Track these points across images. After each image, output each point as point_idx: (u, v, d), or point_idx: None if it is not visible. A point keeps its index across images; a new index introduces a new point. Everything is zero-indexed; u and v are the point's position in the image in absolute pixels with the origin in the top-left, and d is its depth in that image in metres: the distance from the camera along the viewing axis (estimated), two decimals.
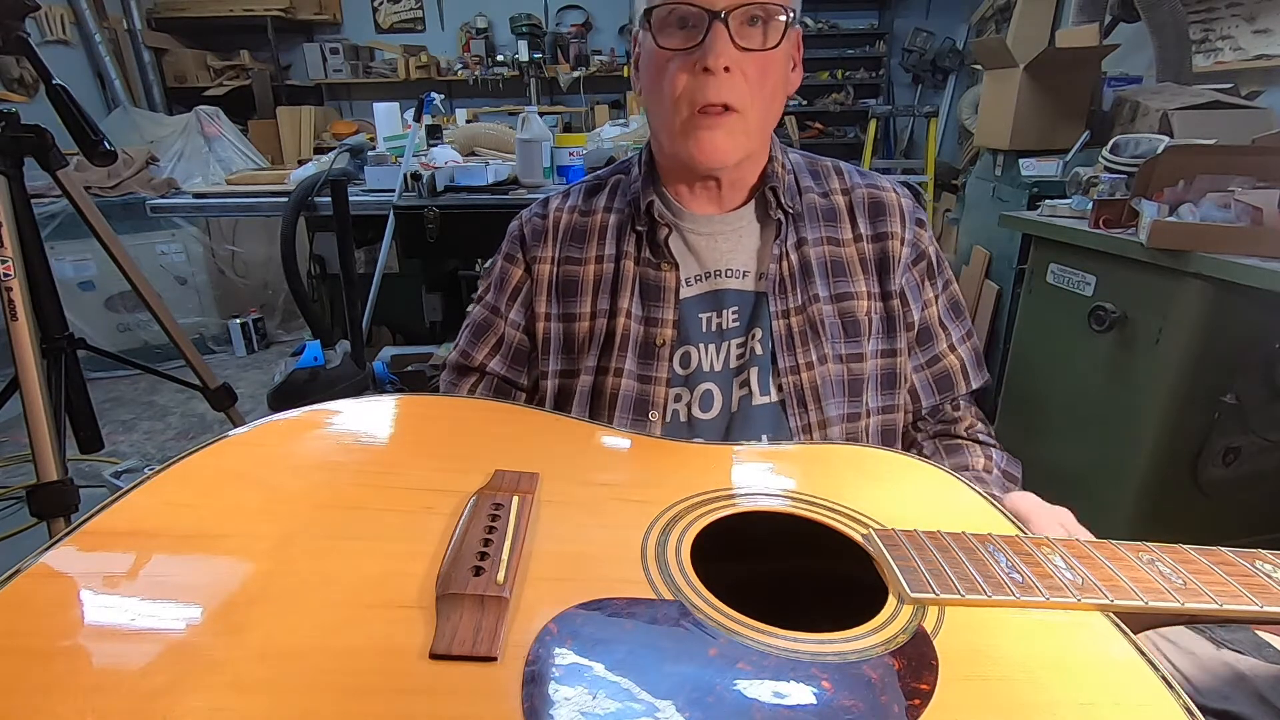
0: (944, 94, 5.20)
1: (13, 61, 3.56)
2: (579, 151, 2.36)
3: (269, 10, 4.80)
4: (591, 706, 0.34)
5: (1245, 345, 1.45)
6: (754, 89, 0.65)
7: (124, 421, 2.71)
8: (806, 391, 0.72)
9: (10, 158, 1.33)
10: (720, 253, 0.74)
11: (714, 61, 0.62)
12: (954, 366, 0.79)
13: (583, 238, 0.77)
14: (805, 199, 0.76)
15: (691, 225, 0.74)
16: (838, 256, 0.75)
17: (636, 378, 0.73)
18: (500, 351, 0.80)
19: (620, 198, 0.78)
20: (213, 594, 0.39)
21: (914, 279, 0.77)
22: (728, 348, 0.73)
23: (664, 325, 0.72)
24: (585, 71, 5.19)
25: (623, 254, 0.75)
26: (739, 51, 0.63)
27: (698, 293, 0.74)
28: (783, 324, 0.72)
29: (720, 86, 0.63)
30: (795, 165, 0.78)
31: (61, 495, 1.28)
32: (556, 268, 0.77)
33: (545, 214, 0.79)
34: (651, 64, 0.67)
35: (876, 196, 0.77)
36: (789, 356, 0.72)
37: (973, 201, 2.67)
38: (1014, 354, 1.97)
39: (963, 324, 0.81)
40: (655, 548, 0.47)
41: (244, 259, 3.57)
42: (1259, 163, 1.46)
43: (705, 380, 0.73)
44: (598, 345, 0.74)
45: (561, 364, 0.76)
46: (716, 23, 0.62)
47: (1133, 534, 1.64)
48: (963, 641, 0.40)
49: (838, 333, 0.73)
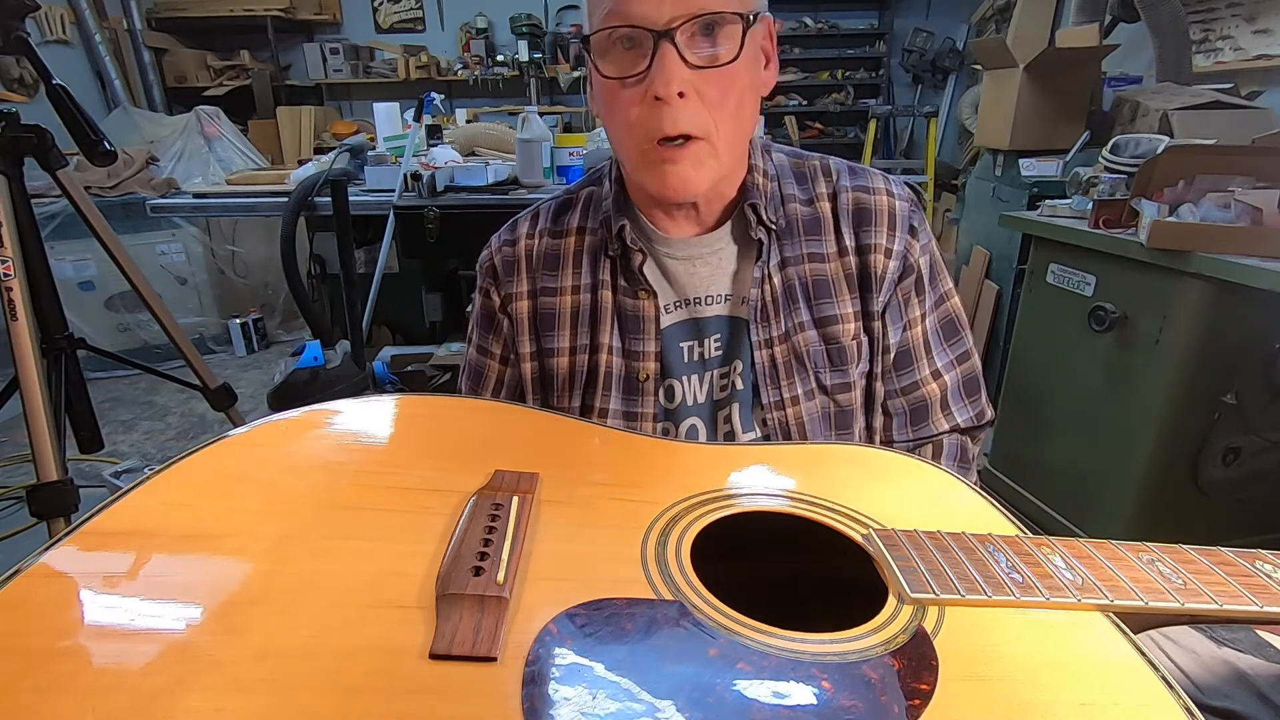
0: (944, 94, 5.20)
1: (13, 61, 3.56)
2: (579, 151, 2.37)
3: (269, 10, 4.80)
4: (591, 707, 0.34)
5: (1245, 345, 1.45)
6: (715, 110, 0.58)
7: (124, 421, 2.71)
8: (792, 428, 0.67)
9: (10, 158, 1.33)
10: (698, 278, 0.69)
11: (665, 89, 0.55)
12: (933, 396, 0.72)
13: (556, 264, 0.72)
14: (788, 209, 0.69)
15: (667, 250, 0.69)
16: (821, 274, 0.68)
17: (623, 416, 0.69)
18: (503, 393, 0.77)
19: (593, 216, 0.72)
20: (213, 594, 0.39)
21: (898, 298, 0.70)
22: (710, 378, 0.69)
23: (646, 359, 0.68)
24: (585, 71, 5.19)
25: (599, 283, 0.69)
26: (692, 71, 0.56)
27: (677, 320, 0.69)
28: (765, 354, 0.67)
29: (676, 116, 0.57)
30: (779, 168, 0.71)
31: (61, 495, 1.29)
32: (533, 301, 0.72)
33: (514, 241, 0.73)
34: (601, 93, 0.62)
35: (863, 202, 0.69)
36: (773, 391, 0.67)
37: (973, 201, 2.67)
38: (1014, 354, 1.98)
39: (955, 347, 0.73)
40: (655, 548, 0.47)
41: (244, 259, 3.57)
42: (1259, 163, 1.46)
43: (690, 415, 0.69)
44: (580, 383, 0.70)
45: (545, 401, 0.73)
46: (663, 43, 0.55)
47: (1133, 534, 1.65)
48: (963, 641, 0.40)
49: (823, 361, 0.68)
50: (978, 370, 0.75)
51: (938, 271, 0.72)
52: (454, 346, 2.65)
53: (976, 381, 0.75)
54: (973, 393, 0.75)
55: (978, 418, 0.75)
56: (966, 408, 0.74)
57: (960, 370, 0.74)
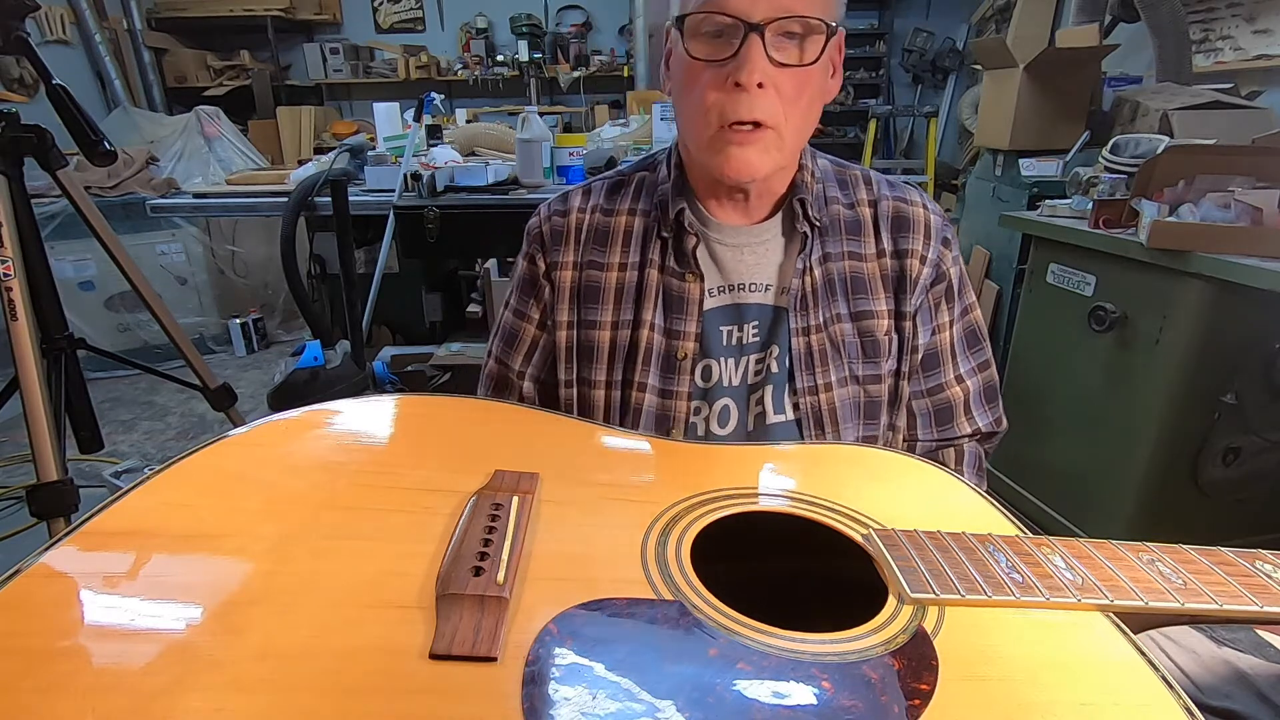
0: (944, 94, 5.20)
1: (13, 61, 3.56)
2: (579, 152, 2.36)
3: (269, 10, 4.80)
4: (591, 707, 0.34)
5: (1245, 345, 1.45)
6: (788, 105, 0.62)
7: (124, 421, 2.71)
8: (824, 413, 0.70)
9: (10, 158, 1.33)
10: (745, 265, 0.72)
11: (747, 78, 0.59)
12: (957, 399, 0.76)
13: (605, 240, 0.74)
14: (831, 210, 0.73)
15: (718, 236, 0.72)
16: (859, 272, 0.72)
17: (659, 393, 0.71)
18: (535, 358, 0.78)
19: (646, 198, 0.75)
20: (213, 594, 0.39)
21: (929, 302, 0.74)
22: (746, 363, 0.72)
23: (686, 338, 0.70)
24: (585, 71, 5.19)
25: (647, 261, 0.72)
26: (774, 67, 0.60)
27: (720, 304, 0.72)
28: (802, 341, 0.70)
29: (753, 103, 0.60)
30: (824, 173, 0.75)
31: (61, 495, 1.28)
32: (579, 273, 0.74)
33: (566, 212, 0.76)
34: (682, 71, 0.64)
35: (902, 210, 0.74)
36: (808, 376, 0.70)
37: (973, 201, 2.67)
38: (1014, 354, 1.98)
39: (977, 355, 0.77)
40: (655, 548, 0.47)
41: (244, 259, 3.57)
42: (1259, 163, 1.46)
43: (724, 395, 0.72)
44: (621, 357, 0.72)
45: (580, 373, 0.74)
46: (752, 35, 0.58)
47: (1133, 534, 1.65)
48: (963, 641, 0.40)
49: (856, 353, 0.71)
50: (996, 379, 0.79)
51: (965, 284, 0.77)
52: (454, 346, 2.65)
53: (995, 390, 0.79)
54: (992, 400, 0.79)
55: (996, 423, 0.79)
56: (987, 413, 0.78)
57: (981, 377, 0.78)
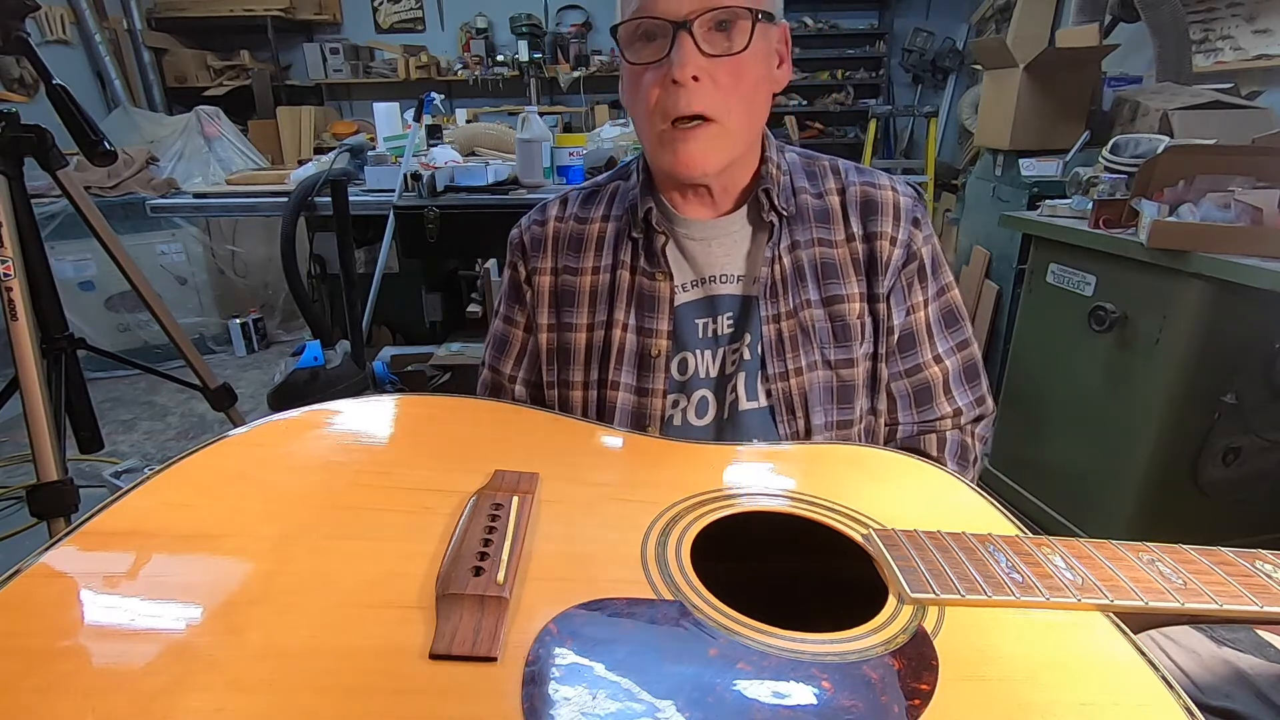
0: (944, 94, 5.20)
1: (13, 61, 3.56)
2: (579, 151, 2.36)
3: (269, 10, 4.79)
4: (591, 707, 0.34)
5: (1245, 345, 1.45)
6: (727, 94, 0.64)
7: (124, 421, 2.71)
8: (795, 398, 0.71)
9: (10, 158, 1.33)
10: (714, 257, 0.73)
11: (680, 73, 0.61)
12: (935, 379, 0.76)
13: (579, 247, 0.77)
14: (799, 200, 0.74)
15: (686, 231, 0.74)
16: (829, 258, 0.73)
17: (634, 390, 0.73)
18: (525, 362, 0.80)
19: (619, 205, 0.77)
20: (213, 594, 0.39)
21: (902, 283, 0.74)
22: (722, 354, 0.73)
23: (658, 336, 0.72)
24: (585, 71, 5.19)
25: (619, 263, 0.74)
26: (706, 59, 0.62)
27: (693, 298, 0.74)
28: (773, 329, 0.71)
29: (690, 97, 0.63)
30: (791, 165, 0.76)
31: (61, 495, 1.28)
32: (555, 278, 0.77)
33: (544, 221, 0.79)
34: (628, 78, 0.68)
35: (870, 194, 0.74)
36: (778, 362, 0.71)
37: (973, 201, 2.67)
38: (1014, 354, 1.98)
39: (956, 334, 0.77)
40: (655, 548, 0.47)
41: (244, 259, 3.57)
42: (1259, 163, 1.46)
43: (701, 387, 0.73)
44: (596, 357, 0.75)
45: (560, 374, 0.76)
46: (681, 33, 0.61)
47: (1133, 534, 1.64)
48: (963, 641, 0.40)
49: (827, 337, 0.72)
50: (978, 359, 0.79)
51: (939, 264, 0.77)
52: (454, 346, 2.65)
53: (976, 369, 0.79)
54: (973, 379, 0.78)
55: (978, 403, 0.78)
56: (967, 392, 0.78)
57: (960, 356, 0.77)
